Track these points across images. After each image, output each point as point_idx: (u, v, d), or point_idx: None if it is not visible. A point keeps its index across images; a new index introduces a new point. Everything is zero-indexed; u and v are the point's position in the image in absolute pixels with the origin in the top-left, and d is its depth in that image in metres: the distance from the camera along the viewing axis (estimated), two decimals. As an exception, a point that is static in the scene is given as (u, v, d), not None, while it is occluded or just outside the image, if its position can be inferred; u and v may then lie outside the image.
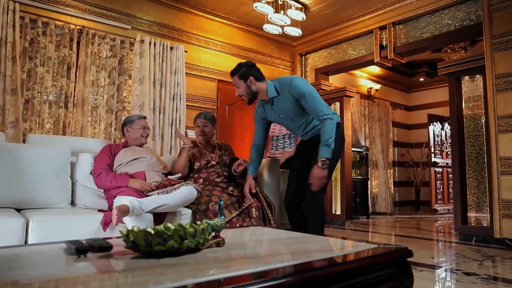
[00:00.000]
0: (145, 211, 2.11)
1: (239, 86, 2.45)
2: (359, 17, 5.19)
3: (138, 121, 2.70)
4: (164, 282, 0.82)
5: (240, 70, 2.43)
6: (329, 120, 2.31)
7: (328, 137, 2.30)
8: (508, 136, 3.68)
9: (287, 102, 2.42)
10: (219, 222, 1.29)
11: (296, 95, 2.36)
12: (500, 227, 3.68)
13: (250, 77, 2.41)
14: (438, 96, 8.04)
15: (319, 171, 2.30)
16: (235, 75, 2.45)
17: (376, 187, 7.14)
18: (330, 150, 2.32)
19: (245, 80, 2.41)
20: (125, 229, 1.13)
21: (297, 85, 2.35)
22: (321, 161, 2.29)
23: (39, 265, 0.99)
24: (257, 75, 2.46)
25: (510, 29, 3.71)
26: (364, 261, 1.12)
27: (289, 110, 2.45)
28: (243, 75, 2.41)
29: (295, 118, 2.50)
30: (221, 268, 1.00)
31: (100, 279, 0.90)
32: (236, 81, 2.45)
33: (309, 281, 0.99)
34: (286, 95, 2.41)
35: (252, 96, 2.47)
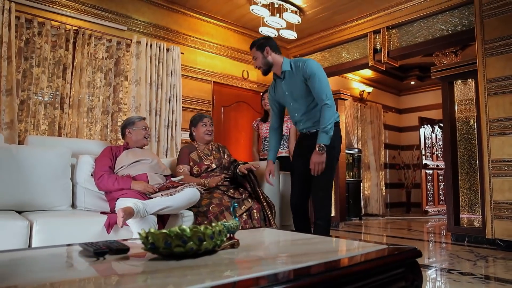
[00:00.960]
0: (149, 213, 2.10)
1: (257, 57, 2.56)
2: (354, 21, 5.26)
3: (139, 122, 2.70)
4: (191, 284, 0.83)
5: (258, 42, 2.58)
6: (328, 107, 2.38)
7: (326, 124, 2.36)
8: (499, 139, 3.78)
9: (296, 80, 2.50)
10: (234, 224, 1.31)
11: (306, 74, 2.43)
12: (492, 228, 3.77)
13: (267, 47, 2.53)
14: (428, 99, 8.18)
15: (317, 156, 2.39)
16: (253, 47, 2.58)
17: (368, 189, 7.22)
18: (328, 137, 2.39)
19: (262, 51, 2.53)
20: (144, 231, 1.14)
21: (310, 65, 2.44)
22: (319, 146, 2.38)
23: (61, 267, 0.99)
24: (273, 47, 2.58)
25: (502, 34, 3.82)
26: (379, 261, 1.15)
27: (295, 88, 2.52)
28: (260, 46, 2.55)
29: (298, 99, 2.55)
30: (243, 269, 1.02)
31: (127, 282, 0.91)
32: (254, 52, 2.58)
33: (328, 282, 1.01)
34: (297, 73, 2.49)
35: (268, 66, 2.57)
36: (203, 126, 3.00)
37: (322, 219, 2.49)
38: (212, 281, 0.85)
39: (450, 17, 4.45)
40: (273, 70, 2.61)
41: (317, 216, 2.51)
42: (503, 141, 3.75)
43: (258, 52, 2.55)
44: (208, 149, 3.01)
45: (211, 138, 3.02)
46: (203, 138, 2.99)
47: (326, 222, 2.50)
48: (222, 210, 2.45)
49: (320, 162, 2.39)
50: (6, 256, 1.18)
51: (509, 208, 3.67)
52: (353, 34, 5.33)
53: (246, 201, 2.67)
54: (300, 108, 2.57)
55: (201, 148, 2.97)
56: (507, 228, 3.68)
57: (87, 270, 0.98)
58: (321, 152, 2.37)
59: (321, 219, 2.49)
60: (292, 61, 2.54)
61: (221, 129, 5.32)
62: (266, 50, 2.52)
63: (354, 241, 1.42)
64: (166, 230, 1.14)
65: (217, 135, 5.25)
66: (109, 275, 0.97)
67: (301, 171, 2.61)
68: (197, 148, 2.97)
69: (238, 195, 2.70)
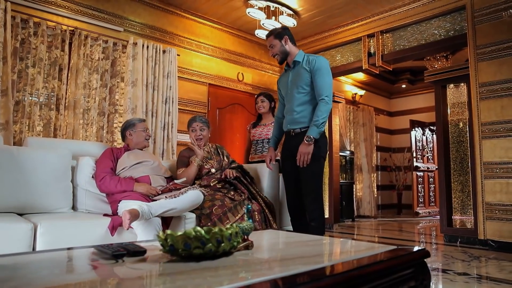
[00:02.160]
0: (154, 215, 2.10)
1: (274, 45, 2.65)
2: (348, 24, 5.33)
3: (139, 124, 2.69)
4: (220, 285, 0.85)
5: (277, 31, 2.68)
6: (325, 102, 2.47)
7: (319, 118, 2.46)
8: (491, 141, 3.87)
9: (303, 71, 2.58)
10: (248, 225, 1.32)
11: (314, 67, 2.53)
12: (484, 228, 3.86)
13: (285, 36, 2.63)
14: (419, 102, 8.32)
15: (304, 146, 2.48)
16: (271, 35, 2.67)
17: (360, 190, 7.30)
18: (318, 132, 2.48)
19: (280, 39, 2.63)
20: (162, 233, 1.14)
21: (320, 60, 2.57)
22: (307, 137, 2.46)
23: (84, 270, 0.99)
24: (291, 37, 2.69)
25: (493, 40, 3.92)
26: (393, 261, 1.18)
27: (299, 78, 2.60)
28: (279, 35, 2.64)
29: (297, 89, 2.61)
30: (264, 270, 1.03)
31: (153, 283, 0.92)
32: (271, 41, 2.66)
33: (347, 282, 1.03)
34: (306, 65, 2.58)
35: (284, 55, 2.66)
36: (192, 131, 2.96)
37: (315, 220, 2.53)
38: (238, 282, 0.87)
39: (443, 22, 4.55)
40: (288, 60, 2.70)
41: (310, 217, 2.55)
42: (495, 144, 3.85)
43: (276, 40, 2.63)
44: (207, 152, 2.99)
45: (201, 143, 2.93)
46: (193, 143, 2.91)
47: (319, 223, 2.54)
48: (225, 212, 2.46)
49: (307, 152, 2.47)
50: (21, 259, 1.18)
51: (501, 209, 3.77)
52: (348, 38, 5.39)
53: (245, 203, 2.67)
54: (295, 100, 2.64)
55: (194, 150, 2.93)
56: (499, 229, 3.77)
57: (109, 272, 0.98)
58: (308, 143, 2.46)
59: (315, 221, 2.53)
60: (306, 55, 2.65)
61: (216, 131, 5.33)
62: (285, 39, 2.62)
63: (363, 242, 1.45)
64: (187, 232, 1.15)
65: (212, 137, 5.25)
66: (133, 277, 0.98)
67: (291, 173, 2.67)
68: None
69: (238, 197, 2.71)
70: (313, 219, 2.54)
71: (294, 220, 2.68)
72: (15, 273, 0.98)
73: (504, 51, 3.84)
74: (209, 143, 3.12)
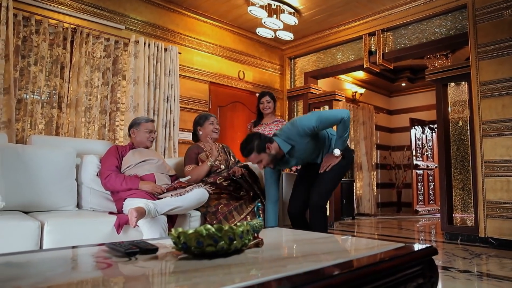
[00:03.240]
0: (160, 213, 2.11)
1: (262, 159, 2.36)
2: (349, 23, 5.33)
3: (145, 124, 2.68)
4: (240, 281, 0.86)
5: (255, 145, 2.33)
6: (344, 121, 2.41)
7: (342, 133, 2.45)
8: (492, 140, 3.89)
9: (304, 144, 2.42)
10: (258, 223, 1.33)
11: (310, 132, 2.37)
12: (484, 226, 3.88)
13: (267, 144, 2.35)
14: (419, 101, 8.34)
15: (332, 156, 2.48)
16: (253, 153, 2.34)
17: (360, 189, 7.32)
18: (342, 143, 2.48)
19: (264, 151, 2.34)
20: (175, 231, 1.15)
21: (304, 125, 2.35)
22: (335, 149, 2.47)
23: (100, 268, 1.00)
24: (268, 140, 2.39)
25: (494, 39, 3.93)
26: (403, 259, 1.19)
27: (308, 147, 2.48)
28: (260, 148, 2.34)
29: (315, 150, 2.56)
30: (277, 267, 1.04)
31: (172, 280, 0.93)
32: (256, 157, 2.35)
33: (358, 279, 1.04)
34: (299, 140, 2.40)
35: (276, 160, 2.42)
36: (211, 124, 2.99)
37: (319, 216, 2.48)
38: (254, 280, 0.88)
39: (444, 21, 4.56)
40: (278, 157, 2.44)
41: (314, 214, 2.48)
42: (496, 142, 3.87)
43: (261, 154, 2.34)
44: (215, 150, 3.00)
45: (217, 136, 3.02)
46: (211, 136, 2.97)
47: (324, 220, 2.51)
48: (230, 210, 2.47)
49: (333, 161, 2.47)
50: (33, 256, 1.18)
51: (501, 207, 3.79)
52: (349, 36, 5.40)
53: (251, 203, 2.68)
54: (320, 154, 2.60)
55: (208, 149, 2.97)
56: (499, 227, 3.79)
57: (125, 269, 0.99)
58: (336, 156, 2.46)
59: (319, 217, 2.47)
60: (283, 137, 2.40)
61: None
62: (267, 147, 2.34)
63: (372, 240, 1.47)
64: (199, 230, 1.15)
65: (213, 135, 5.26)
66: (150, 274, 0.99)
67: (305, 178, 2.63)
68: (204, 149, 2.95)
69: (245, 195, 2.71)
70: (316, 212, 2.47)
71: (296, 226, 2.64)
72: (31, 271, 0.98)
73: (505, 50, 3.86)
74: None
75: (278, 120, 3.65)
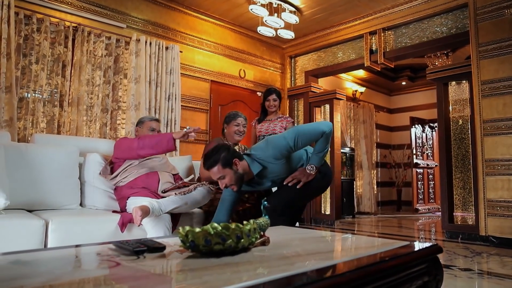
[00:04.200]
0: (164, 212, 2.12)
1: (225, 175, 2.01)
2: (350, 22, 5.34)
3: (148, 122, 2.69)
4: (249, 279, 0.86)
5: (220, 157, 2.00)
6: (326, 135, 2.14)
7: (321, 149, 2.17)
8: (493, 139, 3.90)
9: (279, 165, 2.14)
10: (265, 221, 1.34)
11: (286, 153, 2.11)
12: (485, 225, 3.90)
13: (235, 160, 2.03)
14: (419, 100, 8.35)
15: (304, 172, 2.18)
16: (217, 166, 1.99)
17: (360, 187, 7.34)
18: (319, 160, 2.20)
19: (231, 166, 2.01)
20: (183, 230, 1.15)
21: (279, 146, 2.08)
22: (310, 166, 2.18)
23: (110, 266, 1.00)
24: (237, 155, 2.07)
25: (495, 38, 3.94)
26: (409, 256, 1.20)
27: (283, 168, 2.19)
28: (226, 161, 2.00)
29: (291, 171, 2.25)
30: (286, 265, 1.05)
31: (184, 278, 0.93)
32: (219, 172, 2.00)
33: (366, 276, 1.05)
34: (273, 162, 2.11)
35: (242, 181, 2.08)
36: (236, 126, 2.91)
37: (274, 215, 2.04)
38: (265, 277, 0.89)
39: (445, 19, 4.56)
40: (245, 179, 2.11)
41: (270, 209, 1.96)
42: (496, 141, 3.88)
43: (225, 169, 2.00)
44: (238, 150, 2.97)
45: (240, 139, 2.94)
46: (233, 137, 2.92)
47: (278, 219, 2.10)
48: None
49: (303, 178, 2.16)
50: (41, 255, 1.19)
51: (502, 206, 3.80)
52: (349, 35, 5.40)
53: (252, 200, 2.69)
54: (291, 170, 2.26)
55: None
56: (500, 225, 3.81)
57: (136, 268, 0.99)
58: (309, 173, 2.16)
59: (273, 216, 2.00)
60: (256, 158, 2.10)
61: (219, 128, 5.32)
62: (235, 162, 2.02)
63: (378, 238, 1.47)
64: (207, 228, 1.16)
65: (214, 134, 5.26)
66: (161, 272, 0.99)
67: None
68: None
69: (249, 194, 2.70)
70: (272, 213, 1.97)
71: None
72: (41, 269, 0.99)
73: (506, 49, 3.86)
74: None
75: (282, 117, 3.63)
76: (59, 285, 0.81)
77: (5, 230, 1.76)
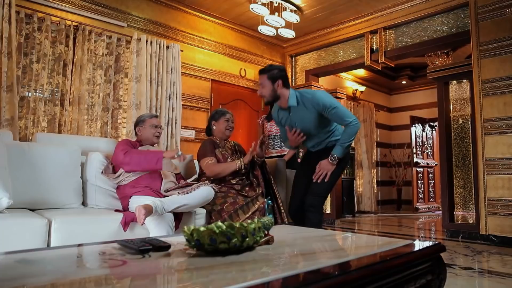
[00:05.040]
0: (167, 210, 2.12)
1: (265, 86, 2.42)
2: (351, 21, 5.33)
3: (149, 120, 2.68)
4: (254, 278, 0.87)
5: (272, 71, 2.41)
6: (352, 125, 2.36)
7: (347, 140, 2.38)
8: (493, 138, 3.91)
9: (307, 114, 2.42)
10: (269, 220, 1.34)
11: (320, 108, 2.36)
12: (485, 224, 3.90)
13: (279, 81, 2.39)
14: (419, 99, 8.36)
15: (327, 163, 2.40)
16: (264, 74, 2.43)
17: (360, 186, 7.35)
18: (343, 151, 2.42)
19: (273, 82, 2.39)
20: (188, 228, 1.16)
21: (321, 99, 2.36)
22: (332, 157, 2.39)
23: (116, 264, 1.01)
24: (285, 81, 2.43)
25: (496, 37, 3.94)
26: (413, 255, 1.20)
27: (307, 121, 2.45)
28: (273, 77, 2.39)
29: (310, 130, 2.50)
30: (291, 264, 1.05)
31: (191, 277, 0.93)
32: (263, 80, 2.43)
33: (372, 275, 1.05)
34: (308, 107, 2.40)
35: (274, 99, 2.44)
36: (226, 121, 2.95)
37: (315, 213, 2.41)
38: (272, 276, 0.89)
39: (445, 19, 4.57)
40: (278, 103, 2.48)
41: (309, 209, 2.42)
42: (497, 140, 3.88)
43: (268, 81, 2.40)
44: (229, 149, 2.99)
45: (230, 135, 3.00)
46: (224, 133, 2.94)
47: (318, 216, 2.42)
48: (236, 209, 2.48)
49: (327, 169, 2.39)
50: (46, 254, 1.19)
51: (502, 205, 3.81)
52: (350, 34, 5.40)
53: (258, 200, 2.68)
54: (313, 139, 2.56)
55: (222, 145, 2.94)
56: (500, 224, 3.82)
57: (142, 266, 1.00)
58: (332, 163, 2.39)
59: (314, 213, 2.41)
60: (298, 95, 2.42)
61: (219, 127, 5.33)
62: (278, 83, 2.39)
63: (381, 237, 1.48)
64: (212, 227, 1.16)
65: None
66: (168, 271, 1.00)
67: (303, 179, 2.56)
68: (219, 145, 2.93)
69: (252, 193, 2.70)
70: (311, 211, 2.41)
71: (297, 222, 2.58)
72: (48, 268, 0.99)
73: (507, 48, 3.87)
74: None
75: None
76: (68, 284, 0.81)
77: (8, 229, 1.76)
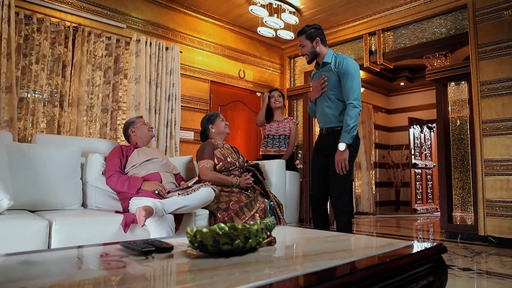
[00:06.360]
0: (167, 212, 2.12)
1: (305, 45, 2.61)
2: (349, 22, 5.35)
3: (137, 120, 2.79)
4: (259, 279, 0.87)
5: (309, 31, 2.61)
6: (353, 106, 2.48)
7: (349, 123, 2.47)
8: (492, 139, 3.92)
9: (332, 75, 2.59)
10: (271, 222, 1.34)
11: (341, 71, 2.52)
12: (484, 225, 3.92)
13: (317, 38, 2.59)
14: (417, 100, 8.38)
15: (339, 154, 2.52)
16: (303, 35, 2.61)
17: (359, 187, 7.36)
18: (350, 137, 2.51)
19: (312, 40, 2.59)
20: (191, 230, 1.16)
21: (347, 63, 2.54)
22: (341, 145, 2.51)
23: (120, 266, 1.01)
24: (323, 38, 2.64)
25: (494, 39, 3.96)
26: (414, 256, 1.21)
27: (329, 81, 2.61)
28: (311, 35, 2.59)
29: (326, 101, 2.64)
30: (294, 265, 1.05)
31: (196, 278, 0.94)
32: (302, 41, 2.62)
33: (374, 276, 1.06)
34: (334, 67, 2.57)
35: (314, 56, 2.64)
36: (222, 121, 3.09)
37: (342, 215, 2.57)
38: (277, 277, 0.89)
39: (444, 21, 4.59)
40: (317, 60, 2.69)
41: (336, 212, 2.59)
42: (495, 142, 3.90)
43: (307, 41, 2.59)
44: (228, 148, 3.06)
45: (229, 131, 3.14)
46: (224, 131, 3.08)
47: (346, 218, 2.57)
48: (241, 207, 2.53)
49: (342, 159, 2.52)
50: (49, 256, 1.19)
51: (501, 206, 3.83)
52: (349, 36, 5.42)
53: (259, 200, 2.70)
54: (325, 101, 2.67)
55: (221, 146, 3.00)
56: (499, 225, 3.83)
57: (146, 268, 1.00)
58: (342, 151, 2.51)
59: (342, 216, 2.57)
60: (335, 55, 2.62)
61: (218, 128, 5.34)
62: (316, 40, 2.59)
63: (383, 238, 1.48)
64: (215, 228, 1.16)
65: (214, 134, 5.27)
66: (173, 272, 1.00)
67: (318, 166, 2.72)
68: (218, 146, 3.00)
69: (252, 194, 2.75)
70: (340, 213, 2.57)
71: (315, 212, 2.75)
72: (52, 270, 0.99)
73: (505, 50, 3.89)
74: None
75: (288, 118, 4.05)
76: (71, 286, 0.81)
77: (9, 231, 1.75)
